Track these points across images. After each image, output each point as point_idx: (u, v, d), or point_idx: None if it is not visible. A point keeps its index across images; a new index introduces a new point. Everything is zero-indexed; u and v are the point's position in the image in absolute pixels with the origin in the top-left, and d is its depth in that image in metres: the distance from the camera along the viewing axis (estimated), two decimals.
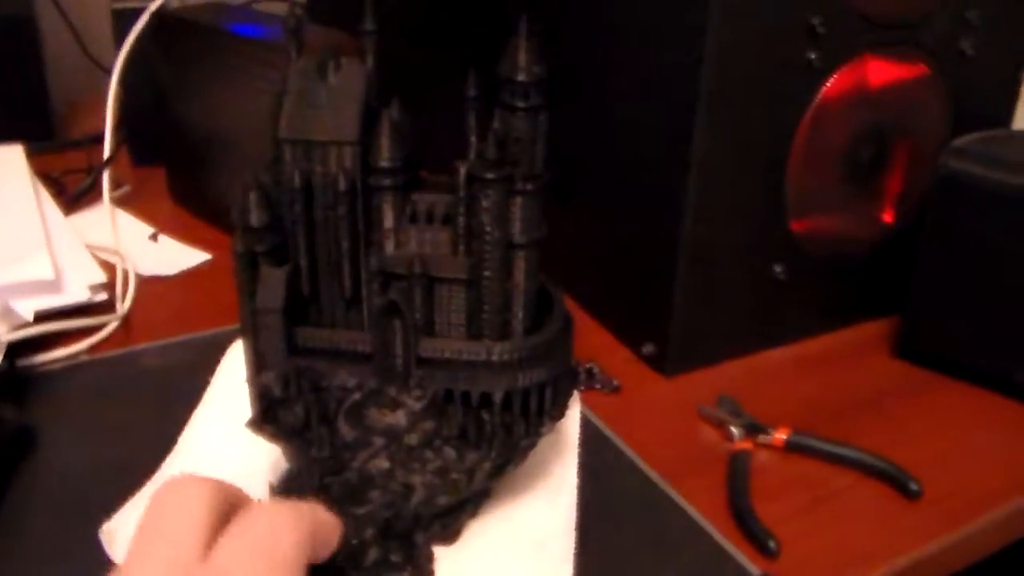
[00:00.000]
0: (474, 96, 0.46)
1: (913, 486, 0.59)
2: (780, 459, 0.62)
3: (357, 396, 0.49)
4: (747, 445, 0.62)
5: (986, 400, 0.70)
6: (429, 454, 0.48)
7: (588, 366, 0.69)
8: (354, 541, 0.47)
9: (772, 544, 0.54)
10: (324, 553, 0.38)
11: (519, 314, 0.48)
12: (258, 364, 0.49)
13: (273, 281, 0.47)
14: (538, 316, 0.50)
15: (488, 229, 0.45)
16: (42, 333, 0.68)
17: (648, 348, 0.71)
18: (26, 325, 0.67)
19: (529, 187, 0.45)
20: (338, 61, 0.46)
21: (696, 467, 0.61)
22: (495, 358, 0.47)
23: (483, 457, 0.49)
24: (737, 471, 0.60)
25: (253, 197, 0.46)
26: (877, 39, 0.67)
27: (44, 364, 0.67)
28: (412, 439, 0.48)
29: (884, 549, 0.56)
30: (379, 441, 0.49)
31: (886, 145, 0.73)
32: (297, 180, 0.46)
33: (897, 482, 0.60)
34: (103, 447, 0.59)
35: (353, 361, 0.49)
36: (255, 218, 0.46)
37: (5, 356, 0.63)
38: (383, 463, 0.49)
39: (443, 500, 0.49)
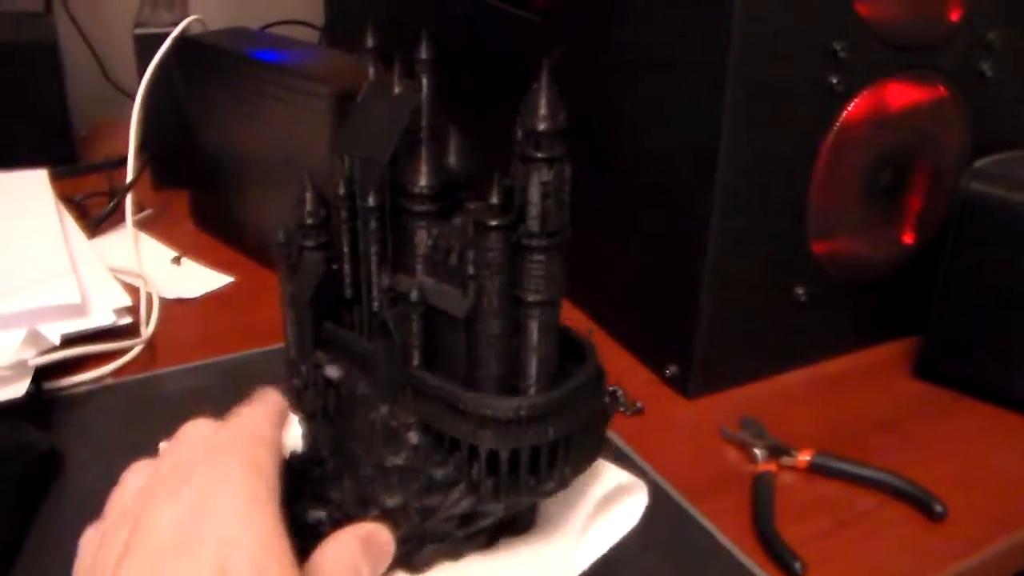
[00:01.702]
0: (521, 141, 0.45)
1: (938, 508, 0.59)
2: (804, 481, 0.62)
3: (350, 403, 0.49)
4: (771, 467, 0.62)
5: (1009, 421, 0.70)
6: (402, 479, 0.47)
7: (612, 388, 0.69)
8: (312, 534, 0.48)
9: (797, 566, 0.54)
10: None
11: (527, 372, 0.46)
12: (287, 349, 0.52)
13: (310, 274, 0.49)
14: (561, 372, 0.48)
15: (485, 274, 0.44)
16: (68, 357, 0.68)
17: (671, 370, 0.71)
18: (53, 349, 0.67)
19: (546, 243, 0.44)
20: (401, 84, 0.47)
21: (720, 489, 0.61)
22: (470, 407, 0.45)
23: (445, 503, 0.47)
24: (761, 493, 0.60)
25: (307, 196, 0.49)
26: (898, 63, 0.67)
27: (70, 387, 0.67)
28: (391, 460, 0.47)
29: (909, 571, 0.56)
30: (356, 448, 0.49)
31: (906, 167, 0.73)
32: (342, 188, 0.48)
33: (922, 504, 0.60)
34: None
35: (363, 370, 0.49)
36: (306, 215, 0.49)
37: (32, 380, 0.63)
38: (353, 471, 0.49)
39: (403, 528, 0.48)
